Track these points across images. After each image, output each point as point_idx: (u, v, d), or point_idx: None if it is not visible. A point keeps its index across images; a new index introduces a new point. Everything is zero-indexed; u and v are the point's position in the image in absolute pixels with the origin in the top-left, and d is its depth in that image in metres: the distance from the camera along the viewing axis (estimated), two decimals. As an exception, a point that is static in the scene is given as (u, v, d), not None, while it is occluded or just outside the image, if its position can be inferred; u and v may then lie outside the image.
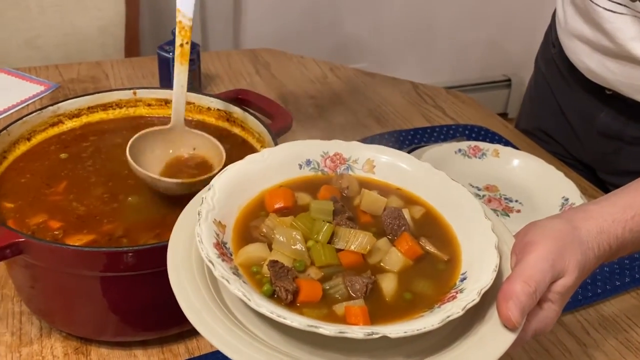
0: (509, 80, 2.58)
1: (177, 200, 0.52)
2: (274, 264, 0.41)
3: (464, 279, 0.42)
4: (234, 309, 0.41)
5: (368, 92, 1.09)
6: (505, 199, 0.79)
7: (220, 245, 0.41)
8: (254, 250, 0.43)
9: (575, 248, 0.43)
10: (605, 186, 0.89)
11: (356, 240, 0.44)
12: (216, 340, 0.38)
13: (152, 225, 0.55)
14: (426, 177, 0.50)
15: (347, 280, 0.41)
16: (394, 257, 0.44)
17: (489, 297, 0.41)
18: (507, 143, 0.90)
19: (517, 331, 0.39)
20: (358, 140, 0.55)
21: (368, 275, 0.42)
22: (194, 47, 0.97)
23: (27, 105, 0.95)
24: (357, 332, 0.36)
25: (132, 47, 1.53)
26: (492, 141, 0.90)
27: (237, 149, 0.67)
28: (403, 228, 0.46)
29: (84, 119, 0.69)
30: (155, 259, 0.48)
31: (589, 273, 0.45)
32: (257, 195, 0.47)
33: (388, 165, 0.52)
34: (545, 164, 0.82)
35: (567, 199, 0.76)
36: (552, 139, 0.94)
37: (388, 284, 0.42)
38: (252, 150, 0.67)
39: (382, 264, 0.44)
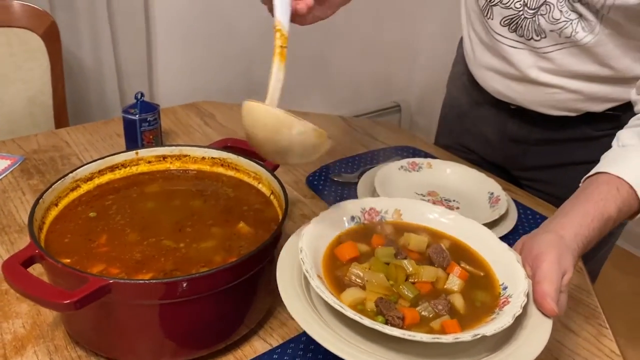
0: (399, 105, 2.88)
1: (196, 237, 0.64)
2: (380, 300, 0.55)
3: (505, 287, 0.59)
4: (341, 333, 0.54)
5: (308, 130, 1.25)
6: (446, 200, 0.97)
7: (331, 293, 0.54)
8: (354, 294, 0.56)
9: (568, 251, 0.61)
10: (518, 181, 1.12)
11: (424, 274, 0.59)
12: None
13: (196, 261, 0.66)
14: (443, 215, 0.67)
15: (431, 303, 0.56)
16: (454, 281, 0.60)
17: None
18: (432, 157, 1.10)
19: (554, 317, 0.56)
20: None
21: (444, 297, 0.57)
22: (154, 108, 1.08)
23: (0, 179, 1.00)
24: (466, 336, 0.50)
25: (60, 115, 1.58)
26: (420, 156, 1.09)
27: (237, 188, 0.80)
28: (447, 258, 0.62)
29: (96, 181, 0.78)
30: (208, 284, 0.60)
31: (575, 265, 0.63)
32: (327, 249, 0.61)
33: (411, 210, 0.68)
34: (469, 168, 1.02)
35: (492, 193, 0.96)
36: (468, 149, 1.15)
37: (458, 301, 0.58)
38: (251, 187, 0.80)
39: (446, 287, 0.59)
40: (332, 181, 1.03)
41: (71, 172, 0.75)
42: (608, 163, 0.72)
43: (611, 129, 0.95)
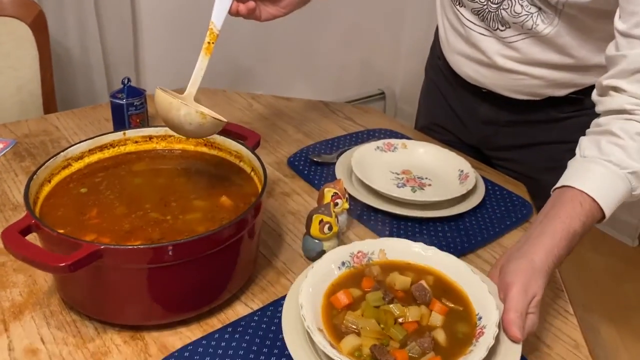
0: (383, 93, 2.93)
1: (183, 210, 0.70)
2: (374, 347, 0.61)
3: (480, 318, 0.64)
4: None
5: (290, 113, 1.30)
6: (418, 178, 1.03)
7: (333, 346, 0.60)
8: (352, 341, 0.62)
9: (537, 275, 0.67)
10: (490, 160, 1.18)
11: (410, 314, 0.65)
12: None
13: (181, 231, 0.71)
14: (423, 251, 0.73)
15: (418, 342, 0.62)
16: (435, 317, 0.65)
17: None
18: (408, 138, 1.16)
19: (521, 342, 0.62)
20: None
21: (428, 335, 0.63)
22: (141, 93, 1.13)
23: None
24: None
25: (49, 102, 1.61)
26: (397, 138, 1.15)
27: (220, 166, 0.85)
28: (428, 295, 0.67)
29: (86, 160, 0.83)
30: (192, 250, 0.65)
31: (547, 283, 0.68)
32: (323, 298, 0.67)
33: (393, 248, 0.73)
34: (441, 148, 1.08)
35: (462, 170, 1.02)
36: (445, 129, 1.21)
37: (441, 336, 0.63)
38: (232, 165, 0.85)
39: (429, 324, 0.64)
40: (311, 161, 1.08)
41: (62, 151, 0.80)
42: (572, 176, 0.75)
43: (574, 111, 1.02)
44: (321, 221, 0.80)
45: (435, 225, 0.93)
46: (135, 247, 0.64)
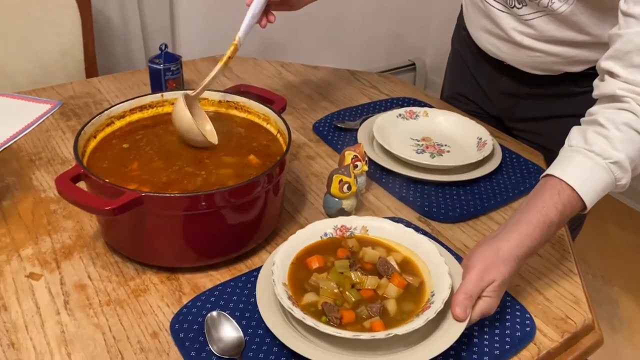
0: (414, 64, 2.94)
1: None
2: (325, 304, 0.67)
3: (433, 294, 0.69)
4: (302, 330, 0.66)
5: (317, 81, 1.35)
6: (438, 144, 1.08)
7: (291, 298, 0.67)
8: (310, 298, 0.69)
9: (499, 264, 0.68)
10: (511, 131, 1.21)
11: (368, 282, 0.71)
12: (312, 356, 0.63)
13: (213, 184, 0.78)
14: (401, 232, 0.78)
15: (367, 307, 0.68)
16: (391, 288, 0.70)
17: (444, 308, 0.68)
18: (430, 107, 1.20)
19: (465, 321, 0.66)
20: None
21: (380, 302, 0.69)
22: (177, 58, 1.20)
23: (43, 120, 1.13)
24: (381, 334, 0.62)
25: (91, 67, 1.70)
26: (420, 106, 1.19)
27: (249, 128, 0.92)
28: (391, 270, 0.72)
29: (127, 119, 0.90)
30: (222, 199, 0.72)
31: (516, 271, 0.70)
32: (295, 259, 0.74)
33: (376, 227, 0.79)
34: (462, 117, 1.12)
35: (480, 138, 1.07)
36: (469, 99, 1.25)
37: (391, 306, 0.69)
38: (260, 127, 0.92)
39: (384, 294, 0.70)
40: (335, 127, 1.14)
41: (106, 109, 0.87)
42: (555, 165, 0.76)
43: (592, 86, 1.04)
44: (340, 181, 0.86)
45: (451, 189, 0.98)
46: (172, 195, 0.71)
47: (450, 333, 0.66)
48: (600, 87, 0.78)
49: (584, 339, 0.76)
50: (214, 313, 0.70)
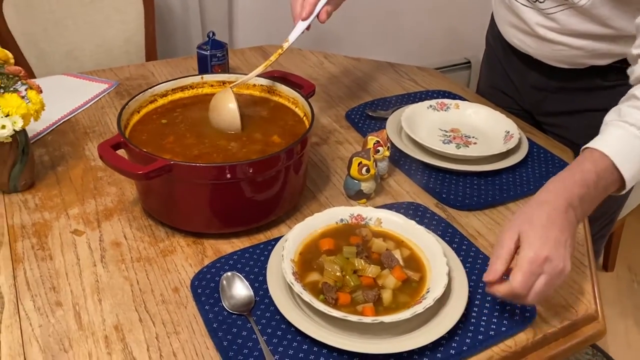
0: (469, 62, 2.92)
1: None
2: (325, 284, 0.72)
3: (429, 291, 0.73)
4: (301, 304, 0.72)
5: (356, 72, 1.40)
6: (465, 136, 1.10)
7: (295, 274, 0.72)
8: (313, 277, 0.74)
9: (530, 227, 0.67)
10: (541, 126, 1.22)
11: (369, 270, 0.75)
12: (301, 326, 0.68)
13: (240, 158, 0.85)
14: (412, 228, 0.81)
15: (364, 293, 0.72)
16: (390, 280, 0.74)
17: (443, 302, 0.72)
18: (462, 99, 1.22)
19: (456, 317, 0.70)
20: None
21: (376, 290, 0.73)
22: (222, 45, 1.27)
23: (100, 98, 1.24)
24: (368, 319, 0.67)
25: (150, 53, 1.82)
26: (453, 99, 1.21)
27: (278, 110, 0.98)
28: (394, 263, 0.76)
29: (169, 97, 0.98)
30: (245, 171, 0.79)
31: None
32: (308, 238, 0.79)
33: (389, 220, 0.83)
34: (491, 110, 1.14)
35: (508, 131, 1.08)
36: (503, 93, 1.27)
37: (387, 296, 0.73)
38: (289, 110, 0.98)
39: (383, 284, 0.74)
40: (367, 116, 1.18)
41: (150, 88, 0.96)
42: (592, 141, 0.77)
43: (619, 79, 1.03)
44: (360, 163, 0.91)
45: (473, 178, 1.00)
46: (197, 165, 0.78)
47: (439, 327, 0.70)
48: (636, 71, 0.80)
49: (585, 328, 0.78)
50: (229, 273, 0.77)
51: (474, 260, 0.83)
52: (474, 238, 0.89)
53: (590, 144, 0.77)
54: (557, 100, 1.14)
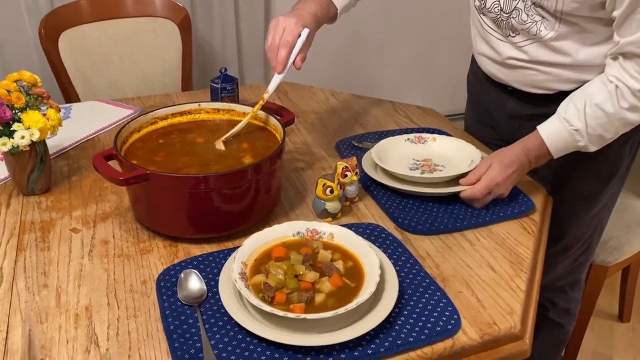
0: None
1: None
2: (265, 284, 0.82)
3: (358, 297, 0.82)
4: (249, 307, 0.82)
5: (357, 108, 1.51)
6: (435, 164, 1.17)
7: (243, 274, 0.83)
8: (259, 278, 0.84)
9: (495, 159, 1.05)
10: None
11: (308, 276, 0.85)
12: (237, 318, 0.79)
13: (205, 170, 0.97)
14: (358, 243, 0.90)
15: (299, 294, 0.82)
16: (326, 285, 0.84)
17: (371, 308, 0.80)
18: (447, 134, 1.30)
19: (377, 321, 0.78)
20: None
21: (310, 293, 0.82)
22: (233, 79, 1.42)
23: (123, 121, 1.41)
24: (293, 316, 0.76)
25: (186, 86, 2.01)
26: (439, 134, 1.29)
27: (260, 131, 1.10)
28: (333, 271, 0.86)
29: (169, 121, 1.13)
30: (221, 182, 0.91)
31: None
32: (262, 246, 0.90)
33: (340, 235, 0.92)
34: (465, 142, 1.20)
35: (472, 160, 1.14)
36: (485, 125, 1.35)
37: (319, 299, 0.82)
38: (269, 133, 1.09)
39: (319, 289, 0.84)
40: (353, 146, 1.29)
41: (151, 111, 1.11)
42: (541, 124, 1.07)
43: None
44: (324, 184, 1.01)
45: (433, 206, 1.07)
46: (168, 174, 0.91)
47: (360, 328, 0.77)
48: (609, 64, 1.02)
49: (508, 346, 0.83)
50: (189, 270, 0.88)
51: (414, 276, 0.90)
52: (422, 258, 0.96)
53: (539, 128, 1.07)
54: (530, 128, 1.20)
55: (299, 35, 1.05)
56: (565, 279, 1.35)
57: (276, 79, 1.07)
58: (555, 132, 1.05)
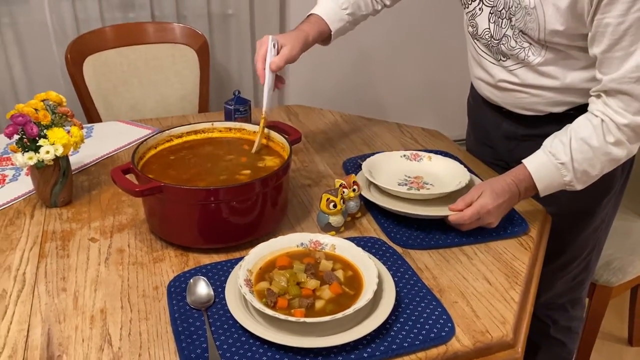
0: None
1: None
2: (269, 290, 0.88)
3: (356, 304, 0.86)
4: (252, 311, 0.87)
5: (365, 130, 1.57)
6: (424, 182, 1.21)
7: (248, 280, 0.89)
8: (263, 285, 0.90)
9: (487, 186, 1.06)
10: None
11: (309, 283, 0.90)
12: (241, 321, 0.84)
13: (213, 184, 1.03)
14: (359, 254, 0.95)
15: (300, 300, 0.87)
16: (326, 293, 0.89)
17: (369, 314, 0.84)
18: (446, 154, 1.34)
19: (372, 327, 0.83)
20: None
21: (311, 299, 0.87)
22: (246, 101, 1.50)
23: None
24: (293, 319, 0.81)
25: (203, 107, 2.09)
26: (436, 154, 1.32)
27: (266, 150, 1.16)
28: (333, 280, 0.91)
29: (184, 138, 1.20)
30: (230, 194, 0.97)
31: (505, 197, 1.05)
32: (268, 255, 0.95)
33: (341, 247, 0.98)
34: (457, 164, 1.24)
35: (460, 182, 1.17)
36: (485, 145, 1.39)
37: (319, 305, 0.86)
38: (275, 152, 1.15)
39: (320, 296, 0.89)
40: (358, 165, 1.34)
41: (168, 129, 1.18)
42: (528, 158, 1.08)
43: None
44: (328, 199, 1.06)
45: (426, 223, 1.11)
46: (180, 186, 0.97)
47: (357, 333, 0.82)
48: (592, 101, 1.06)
49: (500, 353, 0.86)
50: (197, 276, 0.94)
51: (411, 286, 0.95)
52: (420, 270, 1.00)
53: (524, 161, 1.09)
54: (526, 148, 1.24)
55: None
56: (565, 296, 1.37)
57: (264, 91, 1.18)
58: (542, 165, 1.06)
